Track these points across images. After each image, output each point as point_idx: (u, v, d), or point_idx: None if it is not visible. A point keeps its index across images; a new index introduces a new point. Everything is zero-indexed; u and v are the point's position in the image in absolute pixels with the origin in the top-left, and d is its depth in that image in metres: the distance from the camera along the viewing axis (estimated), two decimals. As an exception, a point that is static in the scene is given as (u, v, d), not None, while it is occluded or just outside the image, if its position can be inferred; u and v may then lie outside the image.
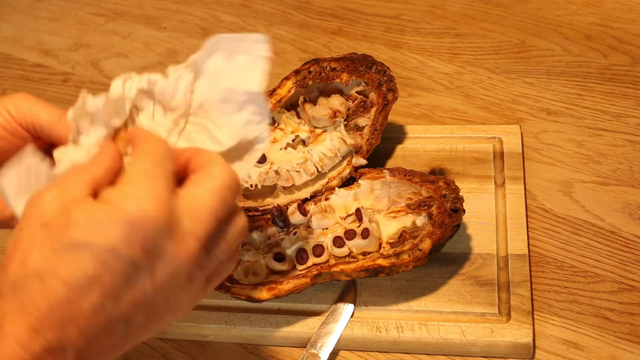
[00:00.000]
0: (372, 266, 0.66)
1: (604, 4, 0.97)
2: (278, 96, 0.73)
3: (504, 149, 0.78)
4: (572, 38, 0.93)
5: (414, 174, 0.71)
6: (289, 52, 0.99)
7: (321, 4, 1.06)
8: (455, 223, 0.65)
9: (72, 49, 1.07)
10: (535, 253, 0.71)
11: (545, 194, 0.76)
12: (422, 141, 0.81)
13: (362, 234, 0.67)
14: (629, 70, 0.88)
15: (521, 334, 0.64)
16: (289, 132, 0.75)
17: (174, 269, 0.42)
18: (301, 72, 0.73)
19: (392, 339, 0.66)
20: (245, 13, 1.07)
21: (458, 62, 0.93)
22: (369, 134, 0.75)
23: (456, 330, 0.65)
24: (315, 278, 0.67)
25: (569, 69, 0.89)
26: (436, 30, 0.98)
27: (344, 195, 0.72)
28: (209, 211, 0.43)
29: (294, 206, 0.72)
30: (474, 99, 0.88)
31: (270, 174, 0.73)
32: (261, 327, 0.69)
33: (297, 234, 0.71)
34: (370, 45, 0.98)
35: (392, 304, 0.68)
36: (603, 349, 0.64)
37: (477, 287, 0.68)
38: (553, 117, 0.84)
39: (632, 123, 0.82)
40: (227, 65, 0.48)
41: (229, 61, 0.48)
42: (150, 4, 1.12)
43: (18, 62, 1.07)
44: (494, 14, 0.99)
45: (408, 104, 0.89)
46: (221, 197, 0.44)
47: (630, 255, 0.70)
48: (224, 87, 0.48)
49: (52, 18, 1.14)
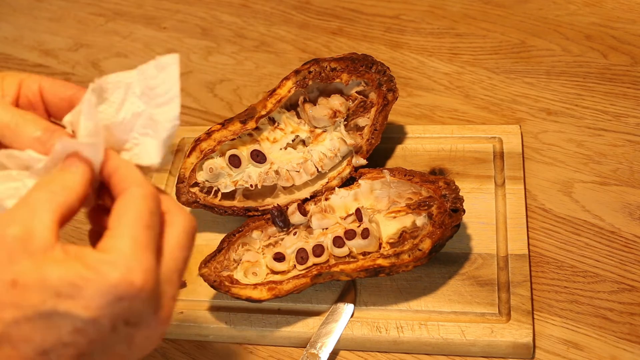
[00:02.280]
0: (372, 266, 0.66)
1: (604, 4, 0.97)
2: (278, 96, 0.73)
3: (504, 149, 0.78)
4: (572, 38, 0.93)
5: (414, 174, 0.71)
6: (289, 52, 0.99)
7: (321, 4, 1.06)
8: (455, 223, 0.65)
9: (72, 49, 1.07)
10: (535, 253, 0.71)
11: (545, 194, 0.76)
12: (422, 141, 0.81)
13: (362, 234, 0.67)
14: (629, 70, 0.88)
15: (521, 334, 0.64)
16: (289, 132, 0.75)
17: (152, 333, 0.41)
18: (301, 72, 0.73)
19: (392, 339, 0.66)
20: (245, 13, 1.07)
21: (458, 62, 0.93)
22: (369, 134, 0.75)
23: (456, 330, 0.65)
24: (315, 278, 0.67)
25: (569, 69, 0.89)
26: (436, 30, 0.98)
27: (344, 196, 0.72)
28: (182, 272, 0.43)
29: (294, 206, 0.72)
30: (474, 99, 0.88)
31: (270, 174, 0.73)
32: (261, 327, 0.69)
33: (297, 234, 0.71)
34: (370, 45, 0.98)
35: (392, 304, 0.68)
36: (603, 349, 0.64)
37: (477, 287, 0.68)
38: (553, 117, 0.84)
39: (632, 123, 0.82)
40: None
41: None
42: (150, 4, 1.12)
43: (18, 62, 1.07)
44: (494, 14, 0.99)
45: (408, 104, 0.89)
46: (189, 255, 0.44)
47: (630, 255, 0.70)
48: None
49: (52, 18, 1.14)
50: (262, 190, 0.74)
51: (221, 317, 0.70)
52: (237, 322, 0.69)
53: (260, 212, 0.73)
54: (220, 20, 1.07)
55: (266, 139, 0.75)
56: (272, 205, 0.73)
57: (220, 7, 1.09)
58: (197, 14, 1.09)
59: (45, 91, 0.48)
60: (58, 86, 0.48)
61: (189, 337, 0.71)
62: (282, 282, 0.68)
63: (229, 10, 1.08)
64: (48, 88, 0.48)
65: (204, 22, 1.07)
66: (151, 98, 0.45)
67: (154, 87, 0.45)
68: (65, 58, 1.06)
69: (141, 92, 0.45)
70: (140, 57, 1.03)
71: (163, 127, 0.45)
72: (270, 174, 0.73)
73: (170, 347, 0.71)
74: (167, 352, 0.70)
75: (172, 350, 0.71)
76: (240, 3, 1.09)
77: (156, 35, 1.06)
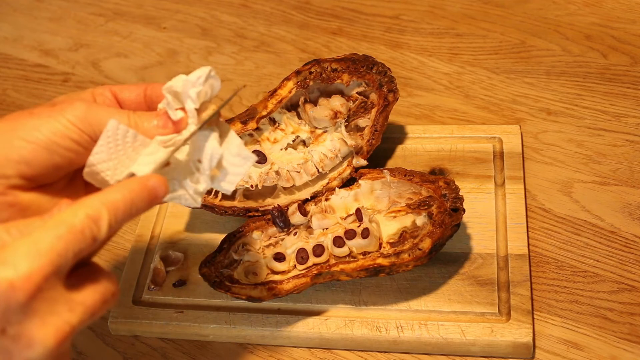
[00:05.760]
0: (372, 266, 0.66)
1: (604, 4, 0.97)
2: (279, 96, 0.73)
3: (504, 149, 0.78)
4: (572, 38, 0.93)
5: (414, 174, 0.71)
6: (289, 52, 1.00)
7: (321, 4, 1.06)
8: (455, 222, 0.65)
9: (72, 49, 1.07)
10: (535, 253, 0.72)
11: (545, 194, 0.76)
12: (422, 141, 0.81)
13: (362, 233, 0.68)
14: (629, 70, 0.88)
15: (521, 334, 0.64)
16: (289, 133, 0.75)
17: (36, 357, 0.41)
18: (302, 72, 0.73)
19: (392, 339, 0.66)
20: (245, 13, 1.07)
21: (458, 62, 0.93)
22: (370, 134, 0.75)
23: (456, 330, 0.65)
24: (315, 278, 0.67)
25: (569, 69, 0.89)
26: (436, 30, 0.98)
27: (344, 196, 0.72)
28: (90, 310, 0.43)
29: (294, 206, 0.72)
30: (474, 99, 0.88)
31: (271, 174, 0.73)
32: (261, 327, 0.69)
33: (298, 234, 0.71)
34: (370, 46, 0.98)
35: (392, 303, 0.68)
36: (603, 349, 0.64)
37: (477, 286, 0.68)
38: (553, 117, 0.84)
39: (632, 123, 0.82)
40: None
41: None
42: (150, 4, 1.12)
43: (18, 62, 1.07)
44: (494, 14, 0.99)
45: (408, 104, 0.89)
46: (103, 300, 0.44)
47: (630, 255, 0.70)
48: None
49: (52, 18, 1.14)
50: (262, 190, 0.74)
51: (221, 317, 0.70)
52: (237, 322, 0.69)
53: (260, 212, 0.74)
54: (220, 20, 1.07)
55: (267, 140, 0.75)
56: (273, 206, 0.73)
57: (220, 7, 1.09)
58: (197, 14, 1.09)
59: (119, 96, 0.54)
60: (130, 90, 0.54)
61: (189, 337, 0.71)
62: (282, 282, 0.68)
63: (229, 10, 1.08)
64: (120, 93, 0.54)
65: (204, 22, 1.07)
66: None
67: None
68: (65, 58, 1.06)
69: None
70: (140, 57, 1.03)
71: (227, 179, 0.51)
72: (270, 175, 0.73)
73: (170, 347, 0.71)
74: (167, 352, 0.71)
75: (172, 350, 0.71)
76: (240, 3, 1.09)
77: (156, 35, 1.06)
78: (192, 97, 0.50)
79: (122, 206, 0.44)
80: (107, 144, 0.48)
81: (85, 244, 0.42)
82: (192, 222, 0.78)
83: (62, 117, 0.48)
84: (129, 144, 0.49)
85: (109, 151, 0.49)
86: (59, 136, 0.48)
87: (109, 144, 0.48)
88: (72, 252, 0.42)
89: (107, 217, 0.43)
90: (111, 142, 0.49)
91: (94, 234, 0.43)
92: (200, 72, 0.50)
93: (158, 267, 0.74)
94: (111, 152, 0.49)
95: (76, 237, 0.42)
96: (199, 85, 0.50)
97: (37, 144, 0.47)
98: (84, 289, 0.43)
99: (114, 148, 0.49)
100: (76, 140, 0.49)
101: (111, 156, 0.49)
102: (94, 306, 0.43)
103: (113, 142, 0.49)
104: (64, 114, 0.48)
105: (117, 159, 0.49)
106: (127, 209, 0.45)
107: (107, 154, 0.49)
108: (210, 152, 0.50)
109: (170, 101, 0.51)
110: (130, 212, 0.45)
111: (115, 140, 0.49)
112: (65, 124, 0.48)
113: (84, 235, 0.42)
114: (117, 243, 0.80)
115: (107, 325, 0.72)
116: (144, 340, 0.72)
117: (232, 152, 0.51)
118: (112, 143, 0.49)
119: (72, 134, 0.48)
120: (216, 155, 0.50)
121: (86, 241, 0.42)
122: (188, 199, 0.51)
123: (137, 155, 0.50)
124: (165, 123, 0.51)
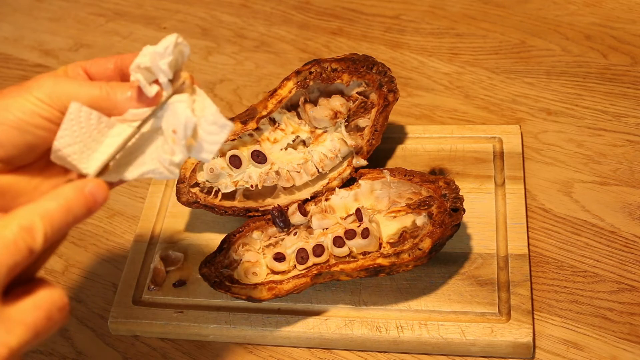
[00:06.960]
0: (372, 266, 0.66)
1: (604, 4, 0.97)
2: (279, 96, 0.73)
3: (504, 149, 0.78)
4: (572, 38, 0.93)
5: (414, 174, 0.71)
6: (289, 52, 1.00)
7: (321, 4, 1.06)
8: (455, 222, 0.65)
9: (72, 49, 1.07)
10: (535, 253, 0.72)
11: (545, 194, 0.76)
12: (422, 141, 0.81)
13: (362, 233, 0.68)
14: (629, 70, 0.88)
15: (521, 334, 0.64)
16: (289, 133, 0.75)
17: None
18: (302, 72, 0.73)
19: (392, 339, 0.66)
20: (245, 13, 1.07)
21: (458, 62, 0.93)
22: (370, 134, 0.75)
23: (456, 330, 0.65)
24: (315, 278, 0.67)
25: (569, 69, 0.89)
26: (436, 30, 0.98)
27: (344, 196, 0.72)
28: (31, 330, 0.42)
29: (294, 207, 0.72)
30: (474, 99, 0.88)
31: (271, 174, 0.73)
32: (261, 327, 0.69)
33: (298, 234, 0.71)
34: (370, 46, 0.98)
35: (392, 303, 0.68)
36: (603, 349, 0.64)
37: (477, 286, 0.68)
38: (553, 117, 0.84)
39: (632, 123, 0.82)
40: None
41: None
42: (150, 4, 1.12)
43: (18, 62, 1.07)
44: (494, 14, 0.99)
45: (408, 104, 0.89)
46: (48, 317, 0.42)
47: (630, 255, 0.70)
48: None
49: (52, 18, 1.14)
50: (262, 190, 0.74)
51: (221, 317, 0.70)
52: (237, 322, 0.69)
53: (260, 212, 0.74)
54: (220, 20, 1.07)
55: (267, 140, 0.75)
56: (273, 206, 0.73)
57: (220, 7, 1.09)
58: (197, 14, 1.09)
59: (89, 71, 0.52)
60: (100, 63, 0.53)
61: (189, 337, 0.71)
62: (282, 282, 0.68)
63: (229, 10, 1.08)
64: (90, 67, 0.52)
65: (204, 22, 1.07)
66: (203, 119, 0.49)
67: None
68: (65, 58, 1.06)
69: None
70: (140, 57, 1.03)
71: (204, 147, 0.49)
72: (270, 175, 0.73)
73: (170, 347, 0.71)
74: (167, 352, 0.71)
75: (172, 350, 0.71)
76: (240, 3, 1.09)
77: (156, 35, 1.06)
78: (164, 69, 0.49)
79: (57, 215, 0.43)
80: (71, 127, 0.47)
81: (21, 257, 0.41)
82: (192, 222, 0.78)
83: (29, 94, 0.47)
84: (94, 126, 0.48)
85: (73, 135, 0.47)
86: (28, 114, 0.46)
87: (73, 127, 0.47)
88: (6, 266, 0.40)
89: (42, 226, 0.42)
90: (75, 125, 0.47)
91: (29, 245, 0.41)
92: (167, 41, 0.49)
93: (158, 267, 0.74)
94: (76, 136, 0.48)
95: (9, 251, 0.40)
96: (168, 55, 0.48)
97: (6, 124, 0.46)
98: (23, 307, 0.41)
99: (79, 131, 0.48)
100: (46, 117, 0.47)
101: (76, 139, 0.47)
102: (36, 324, 0.41)
103: (77, 125, 0.47)
104: (31, 91, 0.47)
105: (82, 142, 0.48)
106: (63, 217, 0.43)
107: (72, 137, 0.47)
108: (184, 121, 0.48)
109: (141, 79, 0.49)
110: (67, 220, 0.43)
111: (79, 123, 0.48)
112: (34, 101, 0.47)
113: (17, 248, 0.40)
114: (117, 243, 0.80)
115: (107, 325, 0.72)
116: (144, 340, 0.72)
117: (208, 121, 0.48)
118: (76, 126, 0.47)
119: (42, 111, 0.47)
120: (190, 124, 0.48)
121: (21, 254, 0.41)
122: (163, 172, 0.49)
123: (103, 137, 0.49)
124: (140, 96, 0.49)
